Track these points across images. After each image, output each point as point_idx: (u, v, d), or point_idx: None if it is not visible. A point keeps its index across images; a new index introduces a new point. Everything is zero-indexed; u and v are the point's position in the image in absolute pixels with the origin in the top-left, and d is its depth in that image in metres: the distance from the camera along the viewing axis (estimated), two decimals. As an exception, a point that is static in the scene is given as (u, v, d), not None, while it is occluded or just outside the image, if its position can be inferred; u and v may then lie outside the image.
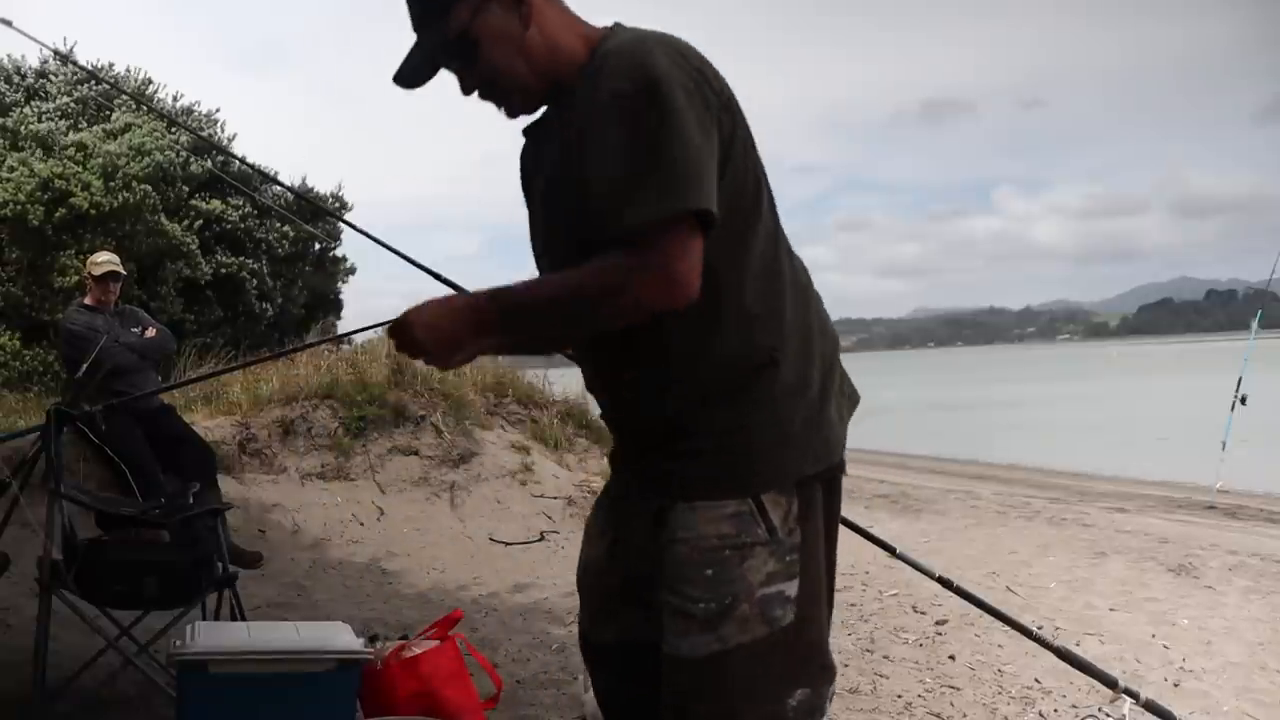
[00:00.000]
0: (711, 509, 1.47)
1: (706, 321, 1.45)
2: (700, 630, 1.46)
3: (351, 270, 12.24)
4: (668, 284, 1.36)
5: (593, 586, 1.69)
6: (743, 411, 1.48)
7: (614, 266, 1.37)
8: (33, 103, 10.17)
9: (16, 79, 10.59)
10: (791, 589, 1.48)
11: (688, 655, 1.47)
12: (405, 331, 1.46)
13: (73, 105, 10.27)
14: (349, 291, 12.30)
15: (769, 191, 1.56)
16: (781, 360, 1.50)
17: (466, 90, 1.56)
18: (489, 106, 1.58)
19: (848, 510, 1.85)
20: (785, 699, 1.49)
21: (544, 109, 1.59)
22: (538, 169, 1.61)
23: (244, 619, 3.49)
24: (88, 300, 5.57)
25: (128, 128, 9.76)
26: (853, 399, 1.68)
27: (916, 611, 4.87)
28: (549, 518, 6.63)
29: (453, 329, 1.45)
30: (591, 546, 1.72)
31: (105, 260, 5.60)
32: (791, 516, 1.48)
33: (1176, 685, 3.89)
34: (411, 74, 1.55)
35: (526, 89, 1.54)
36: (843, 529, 1.75)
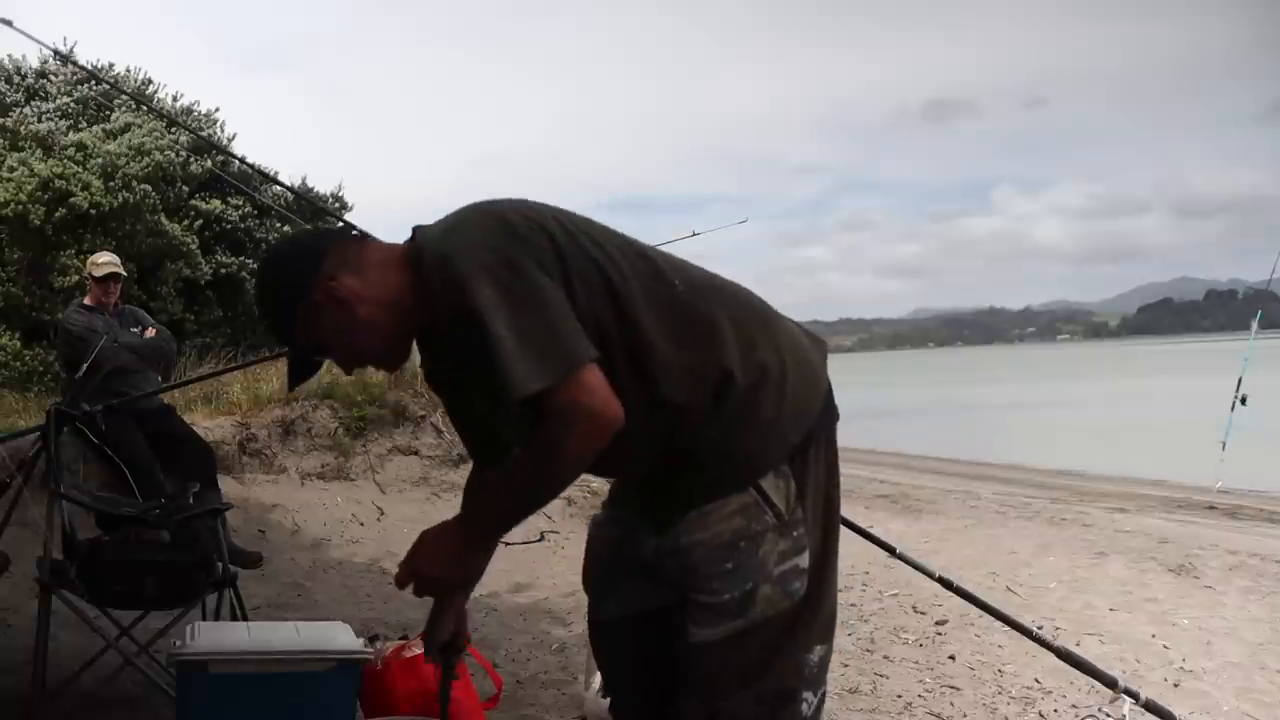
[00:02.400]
0: (720, 508, 1.58)
1: (649, 395, 1.55)
2: (731, 618, 1.58)
3: (352, 270, 12.24)
4: (592, 426, 1.45)
5: (597, 575, 1.83)
6: (721, 424, 1.59)
7: (540, 447, 1.48)
8: (33, 103, 10.17)
9: (16, 79, 10.59)
10: (803, 560, 1.61)
11: (716, 639, 1.59)
12: (427, 585, 1.62)
13: (73, 105, 10.27)
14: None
15: (620, 247, 1.62)
16: (733, 367, 1.60)
17: (348, 371, 1.76)
18: (489, 107, 1.61)
19: (848, 510, 1.87)
20: (807, 656, 1.64)
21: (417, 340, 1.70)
22: (457, 391, 1.79)
23: (245, 619, 3.49)
24: (87, 300, 5.56)
25: (128, 128, 9.76)
26: (819, 345, 1.77)
27: (916, 611, 4.87)
28: (549, 518, 6.63)
29: (471, 562, 1.64)
30: (594, 540, 1.85)
31: (106, 261, 5.59)
32: (792, 496, 1.60)
33: (1176, 685, 3.89)
34: (302, 376, 1.73)
35: (389, 352, 1.67)
36: (843, 529, 1.77)
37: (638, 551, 1.70)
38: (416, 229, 1.66)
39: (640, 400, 1.52)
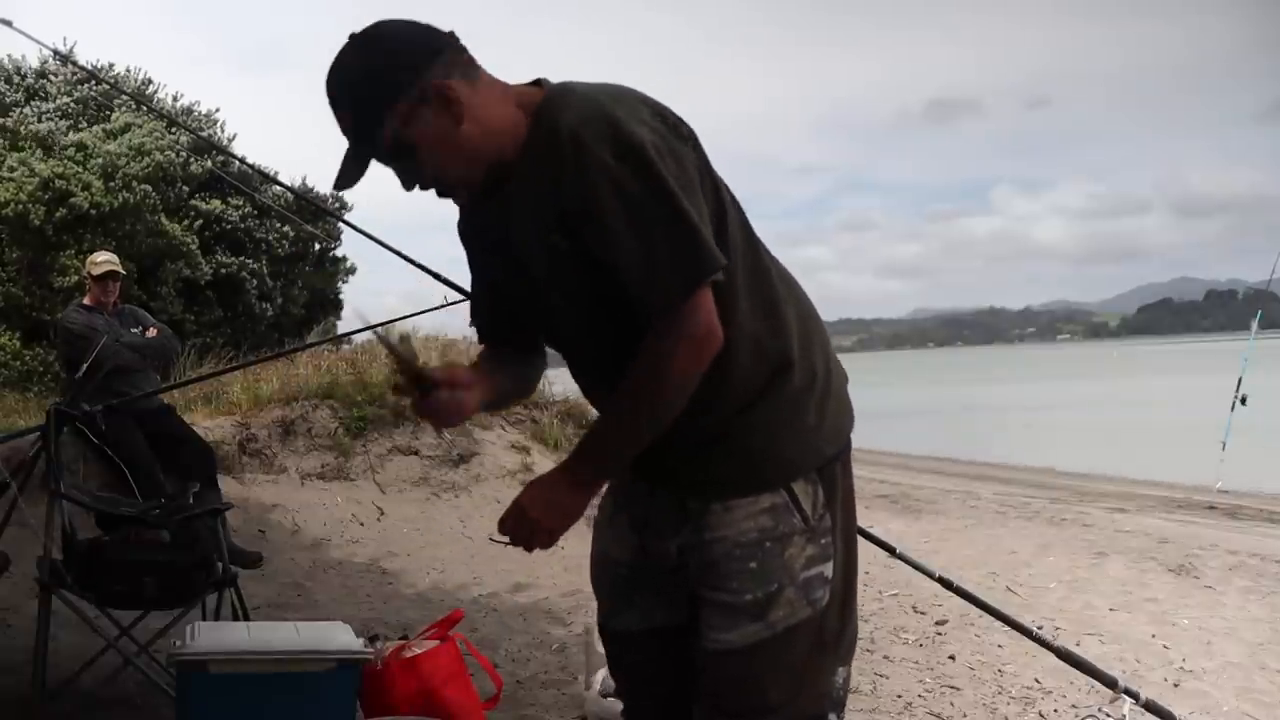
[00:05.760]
0: (747, 505, 1.55)
1: (719, 358, 1.49)
2: (750, 620, 1.54)
3: (351, 270, 12.24)
4: (699, 348, 1.45)
5: (608, 579, 1.75)
6: (766, 414, 1.56)
7: (645, 363, 1.45)
8: (33, 103, 10.16)
9: (16, 79, 10.58)
10: (828, 570, 1.58)
11: (737, 645, 1.54)
12: (528, 525, 1.55)
13: (73, 105, 10.26)
14: (349, 291, 12.27)
15: (731, 198, 1.58)
16: (794, 359, 1.57)
17: (408, 187, 1.55)
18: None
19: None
20: (833, 678, 1.61)
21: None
22: (501, 245, 1.61)
23: (246, 619, 3.49)
24: (87, 300, 5.56)
25: (128, 128, 9.76)
26: (844, 375, 1.75)
27: (916, 611, 4.87)
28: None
29: (571, 504, 1.54)
30: (602, 543, 1.77)
31: (104, 260, 5.59)
32: (820, 503, 1.57)
33: (1176, 685, 3.89)
34: (348, 178, 1.54)
35: (468, 181, 1.54)
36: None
37: (660, 554, 1.63)
38: (542, 80, 1.56)
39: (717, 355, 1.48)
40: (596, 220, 1.43)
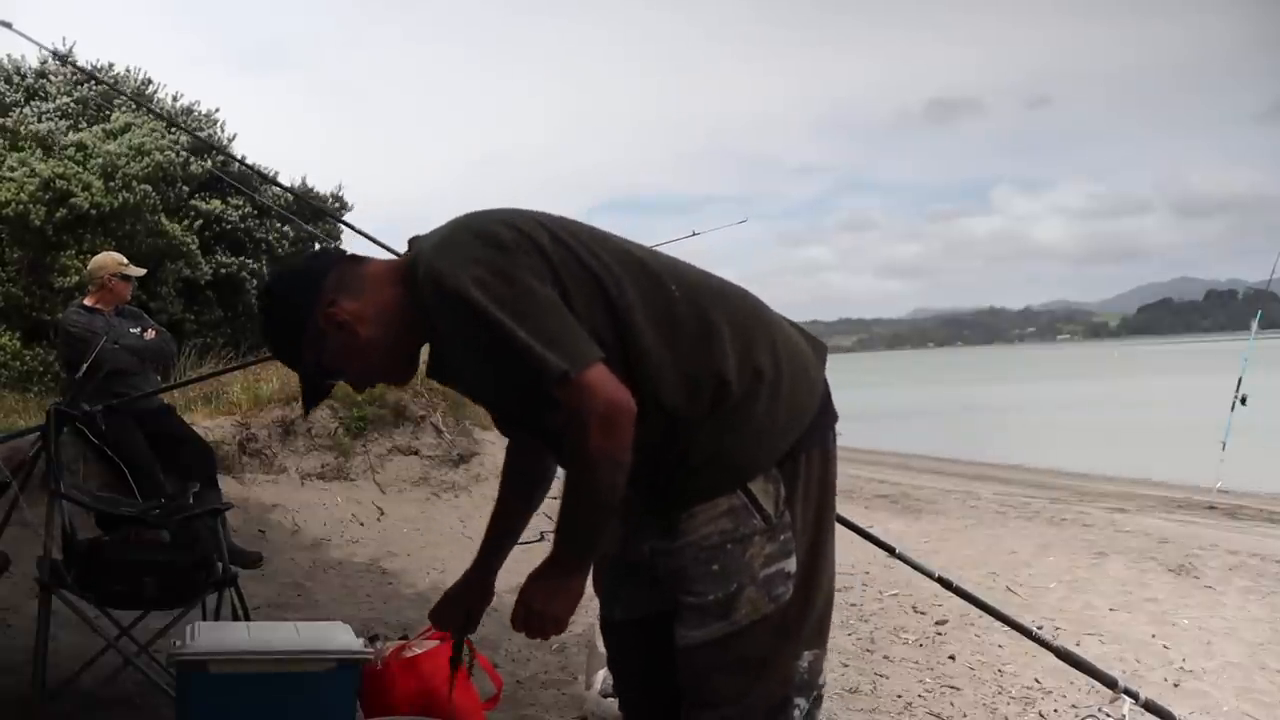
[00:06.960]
0: (708, 509, 1.60)
1: (646, 401, 1.53)
2: (716, 619, 1.60)
3: (351, 270, 12.22)
4: (607, 422, 1.48)
5: (600, 572, 1.85)
6: (716, 427, 1.60)
7: (570, 459, 1.54)
8: (33, 103, 10.16)
9: (16, 79, 10.58)
10: (790, 565, 1.61)
11: (702, 640, 1.61)
12: (537, 619, 1.67)
13: (73, 105, 10.26)
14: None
15: (614, 250, 1.63)
16: (729, 375, 1.60)
17: (359, 390, 1.81)
18: (489, 107, 1.62)
19: (848, 510, 1.87)
20: (796, 663, 1.64)
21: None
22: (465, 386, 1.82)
23: (247, 619, 3.49)
24: (88, 301, 5.54)
25: (128, 128, 9.75)
26: (818, 348, 1.77)
27: (916, 611, 4.87)
28: (549, 518, 6.57)
29: (569, 589, 1.64)
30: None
31: (128, 262, 5.60)
32: (780, 500, 1.61)
33: (1176, 685, 3.89)
34: (313, 402, 1.77)
35: (396, 369, 1.71)
36: (843, 529, 1.78)
37: (636, 554, 1.71)
38: (413, 241, 1.68)
39: (638, 406, 1.52)
40: (463, 367, 1.63)
